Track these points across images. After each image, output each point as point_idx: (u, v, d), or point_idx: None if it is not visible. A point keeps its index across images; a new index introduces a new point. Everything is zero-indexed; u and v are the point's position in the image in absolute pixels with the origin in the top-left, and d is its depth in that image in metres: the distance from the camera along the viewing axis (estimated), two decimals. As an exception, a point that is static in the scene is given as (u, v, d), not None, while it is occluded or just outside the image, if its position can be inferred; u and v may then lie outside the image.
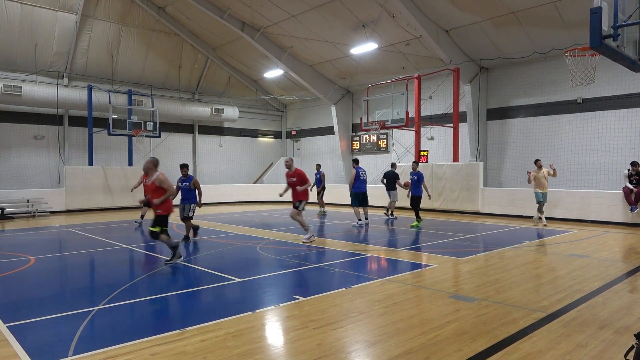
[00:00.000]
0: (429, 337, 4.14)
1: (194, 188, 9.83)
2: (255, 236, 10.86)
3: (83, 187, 17.56)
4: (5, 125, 18.11)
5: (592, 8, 4.21)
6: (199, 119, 23.52)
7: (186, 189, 9.81)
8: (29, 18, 17.15)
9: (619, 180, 13.76)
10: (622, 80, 14.20)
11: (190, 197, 9.85)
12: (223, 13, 18.62)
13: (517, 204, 14.86)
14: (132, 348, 3.91)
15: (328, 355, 3.78)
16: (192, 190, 9.84)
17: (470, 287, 5.97)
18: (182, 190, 9.83)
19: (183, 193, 9.83)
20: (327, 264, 7.50)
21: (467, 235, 10.81)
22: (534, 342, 4.04)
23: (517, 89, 17.12)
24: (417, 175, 12.75)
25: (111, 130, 17.69)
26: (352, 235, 11.09)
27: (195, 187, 9.83)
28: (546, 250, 8.86)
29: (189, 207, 9.84)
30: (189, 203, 9.81)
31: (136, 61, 20.78)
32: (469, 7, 14.75)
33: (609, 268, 7.09)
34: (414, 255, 8.56)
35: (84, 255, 8.64)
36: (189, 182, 9.80)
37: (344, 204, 20.20)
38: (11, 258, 8.24)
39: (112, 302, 5.33)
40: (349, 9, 16.42)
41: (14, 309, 5.20)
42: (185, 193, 9.82)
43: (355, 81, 21.77)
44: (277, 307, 5.13)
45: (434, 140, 19.69)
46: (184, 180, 9.85)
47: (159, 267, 7.33)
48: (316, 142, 25.69)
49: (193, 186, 9.81)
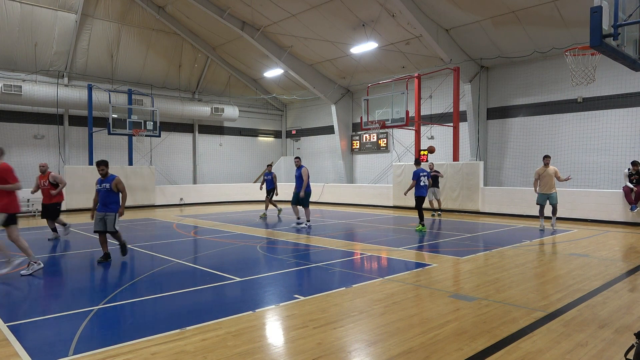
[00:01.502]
0: (429, 337, 4.14)
1: (117, 191, 7.77)
2: (255, 236, 10.86)
3: (83, 186, 17.54)
4: (5, 124, 18.11)
5: (592, 7, 4.21)
6: (199, 118, 23.52)
7: (105, 192, 7.70)
8: (29, 17, 17.14)
9: (619, 180, 13.76)
10: (622, 79, 14.20)
11: (111, 203, 7.72)
12: (223, 12, 18.61)
13: (517, 203, 14.86)
14: (132, 347, 3.91)
15: (328, 354, 3.78)
16: (113, 193, 7.75)
17: (470, 287, 5.97)
18: (101, 194, 7.73)
19: (102, 197, 7.71)
20: (327, 264, 7.50)
21: (467, 235, 10.81)
22: (534, 341, 4.04)
23: (517, 88, 17.11)
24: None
25: (111, 130, 17.68)
26: (353, 235, 11.09)
27: (118, 189, 7.76)
28: (546, 249, 8.86)
29: (111, 218, 7.66)
30: (110, 212, 7.67)
31: (136, 60, 20.77)
32: (469, 7, 14.73)
33: (609, 267, 7.09)
34: (414, 254, 8.56)
35: (84, 254, 8.64)
36: (110, 182, 7.69)
37: (345, 204, 20.21)
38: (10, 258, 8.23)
39: (112, 301, 5.34)
40: (349, 8, 16.42)
41: (14, 308, 5.21)
42: (105, 197, 7.70)
43: (355, 80, 21.76)
44: (277, 307, 5.13)
45: (434, 140, 19.68)
46: (102, 181, 7.72)
47: (159, 267, 7.33)
48: (316, 142, 25.69)
49: (115, 188, 7.72)
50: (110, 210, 7.68)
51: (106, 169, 7.78)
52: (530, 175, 16.69)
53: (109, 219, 7.67)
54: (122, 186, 7.81)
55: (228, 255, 8.62)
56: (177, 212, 17.54)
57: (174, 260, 7.76)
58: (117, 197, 7.80)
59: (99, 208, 7.72)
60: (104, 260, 7.68)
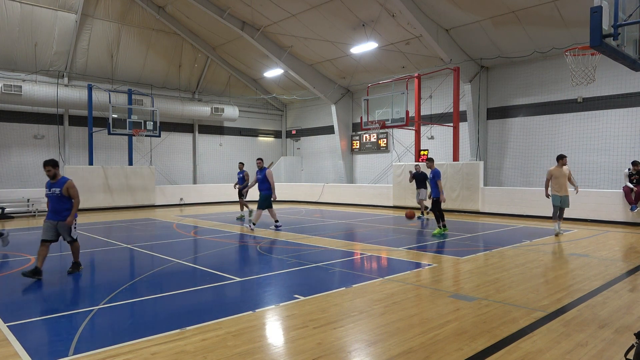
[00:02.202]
0: (429, 337, 4.14)
1: (68, 196, 6.74)
2: (255, 235, 10.86)
3: (83, 186, 17.51)
4: (5, 124, 18.11)
5: (592, 7, 4.21)
6: (199, 118, 23.51)
7: (56, 197, 6.67)
8: (29, 17, 17.14)
9: (619, 180, 13.76)
10: (622, 79, 14.20)
11: (65, 210, 6.73)
12: (223, 12, 18.61)
13: (517, 203, 14.86)
14: (132, 347, 3.91)
15: (328, 354, 3.78)
16: (66, 199, 6.73)
17: (470, 287, 5.97)
18: (51, 201, 6.72)
19: (52, 204, 6.71)
20: (327, 264, 7.50)
21: (467, 235, 10.80)
22: (534, 341, 4.04)
23: (517, 88, 17.11)
24: (432, 174, 10.99)
25: (111, 130, 17.69)
26: (353, 235, 11.09)
27: (69, 194, 6.72)
28: (546, 249, 8.86)
29: (64, 228, 6.71)
30: (63, 220, 6.70)
31: (136, 60, 20.77)
32: (469, 7, 14.73)
33: (609, 267, 7.09)
34: (414, 254, 8.56)
35: (84, 254, 8.62)
36: (60, 187, 6.66)
37: (345, 204, 20.21)
38: (11, 258, 8.25)
39: (112, 301, 5.34)
40: (349, 8, 16.42)
41: (14, 308, 5.20)
42: (56, 203, 6.69)
43: (355, 80, 21.76)
44: (277, 307, 5.13)
45: (434, 140, 19.69)
46: (52, 185, 6.70)
47: (159, 267, 7.33)
48: (316, 142, 25.69)
49: (67, 193, 6.70)
50: (63, 218, 6.69)
51: (54, 169, 6.65)
52: (531, 175, 16.73)
53: (62, 229, 6.70)
54: (74, 191, 6.75)
55: (228, 255, 8.62)
56: (177, 212, 17.53)
57: (174, 260, 7.76)
58: (70, 203, 6.78)
59: (50, 216, 6.72)
60: (30, 276, 6.41)
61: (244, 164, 15.61)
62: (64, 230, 6.74)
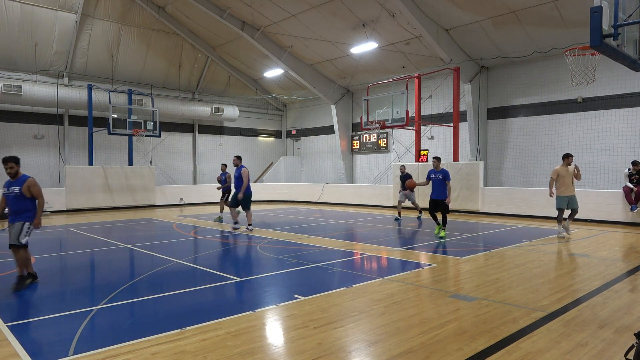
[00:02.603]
0: (429, 337, 4.14)
1: (31, 196, 6.09)
2: (255, 235, 10.86)
3: (83, 186, 17.57)
4: (5, 124, 18.12)
5: (592, 7, 4.21)
6: (199, 118, 23.52)
7: (15, 197, 6.02)
8: (29, 18, 17.14)
9: (619, 180, 13.76)
10: (622, 79, 14.20)
11: (25, 211, 6.05)
12: (223, 12, 18.61)
13: (517, 203, 14.85)
14: (132, 347, 3.91)
15: (328, 354, 3.78)
16: (26, 199, 6.05)
17: (470, 287, 5.97)
18: (9, 201, 6.08)
19: (11, 205, 6.07)
20: (327, 264, 7.50)
21: (467, 235, 10.80)
22: (534, 341, 4.04)
23: (517, 88, 17.11)
24: (442, 174, 10.24)
25: (111, 130, 17.69)
26: (353, 235, 11.09)
27: (32, 194, 6.08)
28: (546, 249, 8.86)
29: (17, 228, 5.97)
30: (20, 221, 5.99)
31: (136, 60, 20.77)
32: (469, 7, 14.73)
33: (609, 267, 7.09)
34: (414, 254, 8.56)
35: (84, 254, 8.64)
36: (20, 185, 6.01)
37: (345, 204, 20.21)
38: (11, 258, 8.23)
39: (113, 301, 5.34)
40: (349, 8, 16.42)
41: (14, 308, 5.20)
42: (15, 204, 6.05)
43: (355, 80, 21.76)
44: (277, 307, 5.13)
45: (434, 140, 19.69)
46: (11, 184, 6.06)
47: (159, 267, 7.33)
48: (316, 142, 25.69)
49: (28, 193, 6.04)
50: (21, 219, 5.99)
51: (16, 167, 6.07)
52: (531, 175, 16.73)
53: (17, 229, 5.96)
54: (36, 190, 6.08)
55: (228, 255, 8.62)
56: (177, 212, 17.53)
57: (174, 260, 7.76)
58: (31, 203, 6.11)
59: (12, 219, 6.05)
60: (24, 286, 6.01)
61: (227, 166, 15.09)
62: (14, 231, 5.97)
